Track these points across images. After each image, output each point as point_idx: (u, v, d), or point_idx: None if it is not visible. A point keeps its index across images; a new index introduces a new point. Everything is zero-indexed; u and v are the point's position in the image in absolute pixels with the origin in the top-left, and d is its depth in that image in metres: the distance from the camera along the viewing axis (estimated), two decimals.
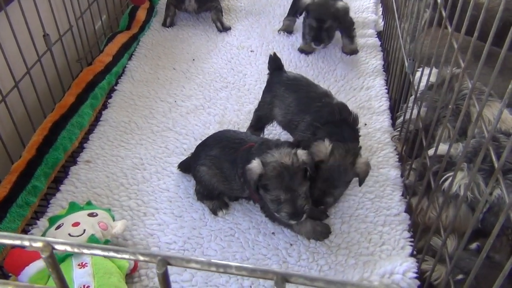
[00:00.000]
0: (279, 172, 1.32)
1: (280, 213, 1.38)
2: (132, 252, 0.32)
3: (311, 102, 1.56)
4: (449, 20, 1.23)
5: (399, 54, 1.89)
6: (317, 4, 2.12)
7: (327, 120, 1.49)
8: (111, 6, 2.44)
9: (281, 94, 1.63)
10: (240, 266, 0.32)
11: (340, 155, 1.40)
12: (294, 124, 1.59)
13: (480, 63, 0.94)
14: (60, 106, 1.84)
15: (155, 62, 2.26)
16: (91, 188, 1.63)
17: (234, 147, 1.48)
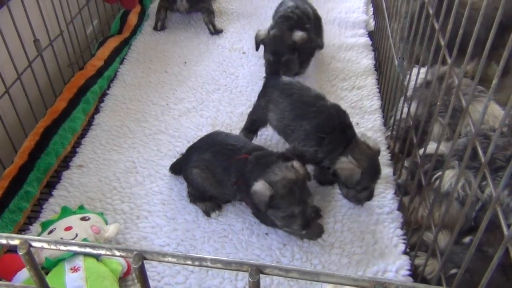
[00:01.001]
0: (291, 189, 1.33)
1: (291, 227, 1.40)
2: (109, 247, 0.32)
3: (306, 107, 1.55)
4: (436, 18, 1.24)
5: (389, 53, 1.90)
6: (272, 37, 1.97)
7: (329, 128, 1.49)
8: (102, 10, 2.45)
9: (275, 98, 1.62)
10: (215, 259, 0.32)
11: (366, 164, 1.44)
12: (290, 129, 1.58)
13: (466, 59, 0.95)
14: (52, 111, 1.84)
15: (147, 66, 2.26)
16: (84, 192, 1.63)
17: (226, 154, 1.49)
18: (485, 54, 0.90)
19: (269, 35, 1.97)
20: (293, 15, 2.04)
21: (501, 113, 1.55)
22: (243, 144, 1.52)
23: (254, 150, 1.48)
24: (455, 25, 1.08)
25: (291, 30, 1.97)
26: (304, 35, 1.95)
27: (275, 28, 1.98)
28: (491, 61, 2.32)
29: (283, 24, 2.00)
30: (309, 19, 2.12)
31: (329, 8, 2.60)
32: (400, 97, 1.69)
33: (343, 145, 1.47)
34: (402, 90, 1.62)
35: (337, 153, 1.46)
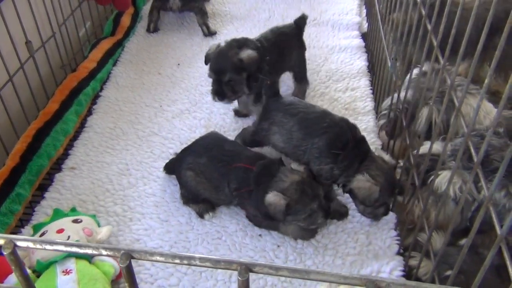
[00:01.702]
0: (302, 190, 1.36)
1: (316, 223, 1.42)
2: (95, 247, 0.32)
3: (315, 124, 1.50)
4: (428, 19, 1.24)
5: (382, 55, 1.91)
6: (216, 53, 1.73)
7: (342, 143, 1.45)
8: (95, 12, 2.44)
9: (279, 120, 1.55)
10: (204, 257, 0.32)
11: (383, 180, 1.41)
12: (301, 150, 1.51)
13: (458, 59, 0.95)
14: (44, 113, 1.83)
15: (140, 68, 2.25)
16: (76, 194, 1.62)
17: (224, 160, 1.49)
18: (476, 55, 0.90)
19: (214, 51, 1.75)
20: (259, 42, 1.82)
21: (493, 110, 1.56)
22: (241, 150, 1.52)
23: (256, 158, 1.48)
24: (448, 25, 1.08)
25: (241, 47, 1.73)
26: (253, 54, 1.69)
27: (220, 48, 1.75)
28: (484, 62, 2.34)
29: (235, 41, 1.78)
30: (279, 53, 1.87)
31: (323, 10, 2.61)
32: (392, 96, 1.69)
33: (358, 160, 1.43)
34: (395, 91, 1.62)
35: (352, 169, 1.42)
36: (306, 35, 2.42)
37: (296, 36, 1.98)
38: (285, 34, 1.93)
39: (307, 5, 2.69)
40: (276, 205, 1.34)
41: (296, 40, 1.98)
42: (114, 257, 0.30)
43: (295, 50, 1.96)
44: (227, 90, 1.71)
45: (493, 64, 0.81)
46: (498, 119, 0.79)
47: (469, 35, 0.94)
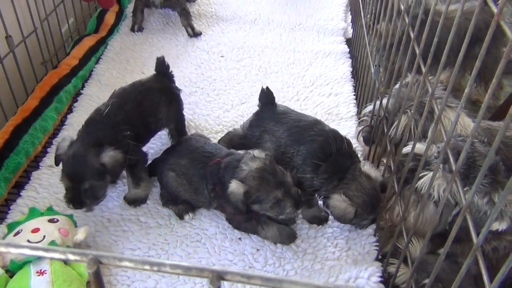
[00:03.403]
0: (262, 178, 1.31)
1: (285, 212, 1.36)
2: (63, 251, 0.30)
3: (303, 131, 1.49)
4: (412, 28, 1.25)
5: (366, 61, 1.92)
6: (71, 157, 1.39)
7: (324, 155, 1.43)
8: (78, 9, 2.40)
9: (271, 128, 1.55)
10: (175, 264, 0.31)
11: (362, 200, 1.39)
12: (288, 157, 1.50)
13: (439, 68, 0.96)
14: (23, 109, 1.80)
15: (123, 66, 2.23)
16: (54, 193, 1.59)
17: (203, 161, 1.48)
18: (457, 64, 0.91)
19: (68, 153, 1.40)
20: (109, 120, 1.47)
21: (471, 124, 1.58)
22: (219, 151, 1.51)
23: (227, 155, 1.47)
24: (430, 34, 1.09)
25: (100, 145, 1.40)
26: (117, 155, 1.41)
27: (76, 143, 1.42)
28: (465, 71, 2.38)
29: (89, 135, 1.44)
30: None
31: (308, 15, 2.62)
32: (374, 102, 1.70)
33: (339, 175, 1.41)
34: (377, 98, 1.63)
35: (332, 184, 1.41)
36: (291, 39, 2.45)
37: (162, 90, 1.64)
38: (148, 89, 1.60)
39: (293, 8, 2.70)
40: (236, 194, 1.31)
41: (163, 94, 1.64)
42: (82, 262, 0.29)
43: (163, 107, 1.62)
44: (87, 198, 1.43)
45: (473, 73, 0.82)
46: (476, 128, 0.80)
47: (451, 45, 0.95)
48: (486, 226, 0.69)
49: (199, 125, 1.90)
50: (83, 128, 1.47)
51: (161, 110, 1.61)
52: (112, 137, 1.44)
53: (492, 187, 1.23)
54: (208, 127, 1.89)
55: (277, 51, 2.36)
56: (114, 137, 1.44)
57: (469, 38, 0.87)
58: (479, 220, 1.23)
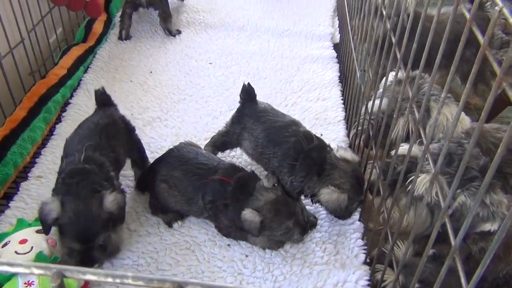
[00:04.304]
0: (276, 209, 1.39)
1: (292, 239, 1.45)
2: (27, 265, 0.31)
3: (278, 132, 1.52)
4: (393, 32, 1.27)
5: (353, 66, 1.94)
6: (74, 215, 1.26)
7: (297, 154, 1.45)
8: (66, 18, 2.40)
9: (250, 126, 1.58)
10: (137, 276, 0.32)
11: (349, 184, 1.42)
12: (266, 158, 1.54)
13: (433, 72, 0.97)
14: (11, 120, 1.80)
15: (111, 75, 2.23)
16: None
17: (199, 173, 1.49)
18: (453, 67, 0.89)
19: (67, 213, 1.26)
20: (92, 165, 1.36)
21: (465, 117, 1.60)
22: (216, 164, 1.51)
23: (233, 171, 1.48)
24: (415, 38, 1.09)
25: (95, 192, 1.30)
26: (119, 196, 1.33)
27: (70, 199, 1.27)
28: (455, 73, 2.40)
29: (82, 187, 1.29)
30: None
31: (296, 20, 2.64)
32: (361, 107, 1.72)
33: (316, 170, 1.42)
34: (363, 102, 1.64)
35: (312, 180, 1.42)
36: (279, 45, 2.47)
37: (116, 122, 1.57)
38: (107, 125, 1.51)
39: (280, 14, 2.72)
40: (251, 222, 1.37)
41: (118, 125, 1.57)
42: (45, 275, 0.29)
43: (124, 137, 1.59)
44: (101, 254, 1.34)
45: (471, 78, 0.79)
46: (453, 131, 0.81)
47: (437, 47, 0.95)
48: (462, 229, 0.70)
49: (188, 133, 1.91)
50: (64, 182, 1.31)
51: (123, 141, 1.56)
52: (104, 180, 1.34)
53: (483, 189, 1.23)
54: (197, 135, 1.90)
55: (265, 57, 2.37)
56: (106, 179, 1.35)
57: (463, 42, 0.85)
58: (471, 221, 1.24)
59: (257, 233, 1.38)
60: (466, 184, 1.18)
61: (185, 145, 1.64)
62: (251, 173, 1.49)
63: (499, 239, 0.62)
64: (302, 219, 1.43)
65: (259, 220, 1.36)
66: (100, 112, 1.55)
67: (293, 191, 1.47)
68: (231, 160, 1.76)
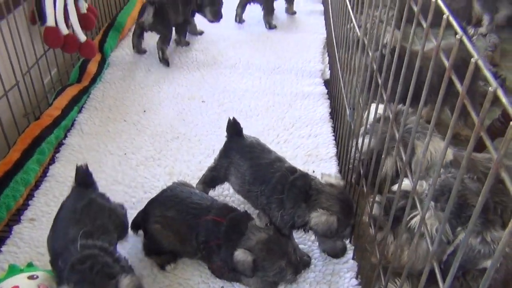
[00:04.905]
0: (268, 249, 1.39)
1: (285, 278, 1.44)
2: None
3: (265, 170, 1.54)
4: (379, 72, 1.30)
5: (343, 103, 1.97)
6: None
7: (283, 186, 1.47)
8: (61, 59, 2.44)
9: (236, 162, 1.61)
10: None
11: (337, 207, 1.42)
12: (254, 195, 1.56)
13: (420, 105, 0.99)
14: (4, 163, 1.80)
15: (105, 115, 2.26)
16: (35, 247, 1.58)
17: (192, 213, 1.50)
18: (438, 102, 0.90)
19: None
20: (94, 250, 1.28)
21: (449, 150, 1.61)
22: (209, 203, 1.53)
23: (226, 211, 1.50)
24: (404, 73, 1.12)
25: (110, 277, 1.20)
26: (135, 279, 1.23)
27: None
28: (443, 106, 2.44)
29: (96, 273, 1.19)
30: None
31: (287, 58, 2.69)
32: (351, 144, 1.74)
33: (302, 198, 1.43)
34: (353, 140, 1.67)
35: (301, 208, 1.42)
36: (271, 82, 2.51)
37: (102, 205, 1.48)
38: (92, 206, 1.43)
39: (272, 52, 2.77)
40: (243, 262, 1.37)
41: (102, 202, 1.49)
42: None
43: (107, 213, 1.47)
44: None
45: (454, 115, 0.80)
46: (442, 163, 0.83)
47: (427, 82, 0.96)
48: (452, 269, 0.71)
49: (181, 172, 1.92)
50: (75, 269, 1.20)
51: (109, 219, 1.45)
52: (113, 262, 1.27)
53: (484, 226, 1.22)
54: (190, 173, 1.91)
55: (257, 94, 2.41)
56: (114, 260, 1.28)
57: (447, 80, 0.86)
58: (473, 258, 1.23)
59: (251, 273, 1.38)
60: (466, 221, 1.18)
61: (178, 185, 1.65)
62: (244, 213, 1.50)
63: (490, 272, 0.63)
64: (295, 258, 1.43)
65: (251, 259, 1.36)
66: (74, 195, 1.45)
67: (285, 225, 1.47)
68: (224, 199, 1.77)
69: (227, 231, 1.44)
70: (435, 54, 0.81)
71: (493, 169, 0.58)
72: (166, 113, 2.27)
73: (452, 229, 1.23)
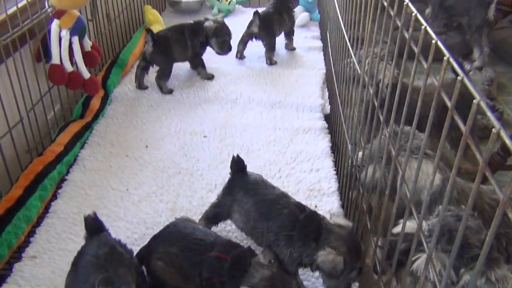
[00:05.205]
0: (273, 285, 1.37)
1: None
2: None
3: (270, 206, 1.55)
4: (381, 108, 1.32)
5: (344, 138, 1.99)
6: None
7: (292, 224, 1.48)
8: (64, 95, 2.48)
9: (240, 199, 1.61)
10: None
11: (345, 247, 1.41)
12: (259, 232, 1.56)
13: (423, 144, 1.01)
14: (6, 199, 1.80)
15: (108, 150, 2.27)
16: (36, 286, 1.56)
17: (195, 249, 1.49)
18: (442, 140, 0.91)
19: None
20: None
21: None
22: (213, 239, 1.52)
23: (230, 247, 1.49)
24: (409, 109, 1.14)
25: None
26: None
27: None
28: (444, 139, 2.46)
29: None
30: None
31: (287, 93, 2.73)
32: (354, 179, 1.75)
33: (312, 237, 1.43)
34: (356, 175, 1.68)
35: (310, 247, 1.43)
36: (272, 117, 2.54)
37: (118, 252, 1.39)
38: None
39: (272, 87, 2.81)
40: None
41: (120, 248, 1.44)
42: None
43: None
44: None
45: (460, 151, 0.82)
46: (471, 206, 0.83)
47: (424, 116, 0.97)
48: None
49: (183, 207, 1.92)
50: None
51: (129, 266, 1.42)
52: None
53: (488, 265, 1.20)
54: (192, 209, 1.91)
55: (258, 129, 2.43)
56: None
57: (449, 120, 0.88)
58: None
59: None
60: (469, 262, 1.18)
61: (182, 220, 1.64)
62: (247, 249, 1.49)
63: None
64: None
65: None
66: (95, 241, 1.40)
67: (293, 263, 1.46)
68: (227, 235, 1.77)
69: (231, 268, 1.43)
70: (437, 94, 0.84)
71: (500, 210, 0.59)
72: (168, 148, 2.29)
73: (455, 269, 1.22)
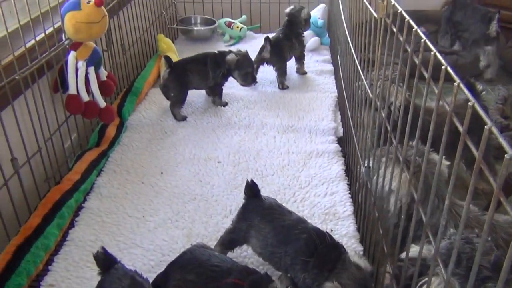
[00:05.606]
0: None
1: None
2: None
3: (288, 231, 1.56)
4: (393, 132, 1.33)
5: (358, 161, 2.00)
6: None
7: (310, 250, 1.48)
8: (81, 124, 2.53)
9: (256, 224, 1.62)
10: None
11: None
12: (277, 257, 1.57)
13: (438, 167, 1.01)
14: (25, 228, 1.83)
15: (123, 177, 2.30)
16: None
17: (212, 276, 1.49)
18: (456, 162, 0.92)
19: None
20: None
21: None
22: (230, 265, 1.52)
23: (247, 273, 1.48)
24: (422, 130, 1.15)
25: None
26: None
27: None
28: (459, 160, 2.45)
29: None
30: None
31: (300, 117, 2.75)
32: (368, 203, 1.75)
33: (328, 268, 1.44)
34: (371, 198, 1.68)
35: (323, 277, 1.43)
36: (285, 141, 2.56)
37: None
38: None
39: (285, 111, 2.84)
40: None
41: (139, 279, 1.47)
42: None
43: None
44: None
45: (473, 176, 0.82)
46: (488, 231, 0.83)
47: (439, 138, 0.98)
48: None
49: (199, 233, 1.92)
50: None
51: None
52: None
53: None
54: (207, 235, 1.91)
55: (272, 153, 2.45)
56: None
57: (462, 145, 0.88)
58: None
59: None
60: (479, 286, 1.17)
61: (198, 247, 1.65)
62: (264, 275, 1.48)
63: None
64: None
65: None
66: (112, 275, 1.41)
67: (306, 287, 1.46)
68: (243, 261, 1.77)
69: None
70: (449, 119, 0.85)
71: None
72: (182, 174, 2.31)
73: None
